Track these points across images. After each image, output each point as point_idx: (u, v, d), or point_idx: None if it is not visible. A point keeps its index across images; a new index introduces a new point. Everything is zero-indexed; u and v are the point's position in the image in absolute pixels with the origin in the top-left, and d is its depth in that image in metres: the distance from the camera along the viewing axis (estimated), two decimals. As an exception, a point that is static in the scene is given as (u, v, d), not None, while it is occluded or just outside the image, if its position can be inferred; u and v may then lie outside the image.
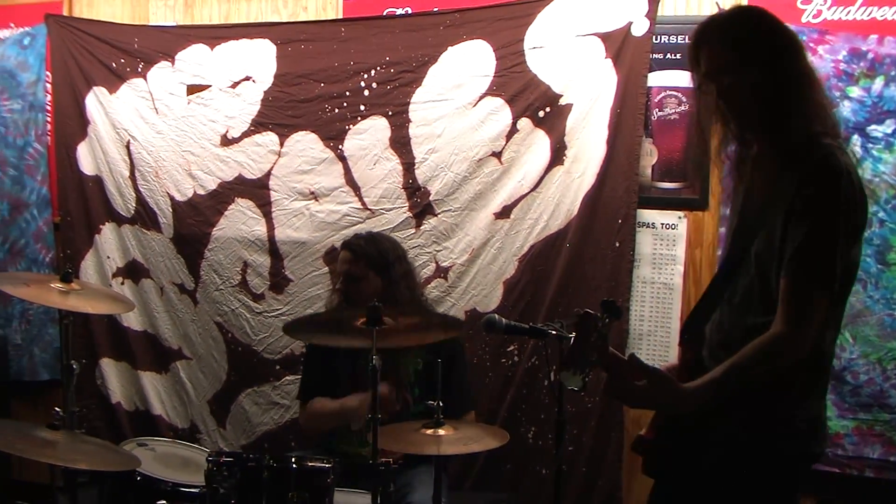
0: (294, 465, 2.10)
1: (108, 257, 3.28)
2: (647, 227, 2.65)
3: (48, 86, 3.36)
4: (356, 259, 2.48)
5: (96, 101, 3.24)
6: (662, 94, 2.64)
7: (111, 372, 3.32)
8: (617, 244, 2.64)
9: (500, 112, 2.74)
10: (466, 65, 2.78)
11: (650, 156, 2.64)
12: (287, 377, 3.02)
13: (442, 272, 2.82)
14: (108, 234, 3.27)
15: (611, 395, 1.51)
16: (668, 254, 2.63)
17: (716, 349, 1.55)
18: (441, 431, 2.15)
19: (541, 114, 2.70)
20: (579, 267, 2.67)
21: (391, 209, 2.84)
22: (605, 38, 2.64)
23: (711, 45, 1.51)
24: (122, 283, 3.26)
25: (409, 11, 2.91)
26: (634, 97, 2.60)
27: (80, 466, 2.22)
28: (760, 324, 1.46)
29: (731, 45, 1.49)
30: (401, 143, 2.85)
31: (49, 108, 3.37)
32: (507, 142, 2.73)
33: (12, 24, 3.44)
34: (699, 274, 2.61)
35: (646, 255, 2.65)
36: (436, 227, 2.82)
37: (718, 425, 1.49)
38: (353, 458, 2.44)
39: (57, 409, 2.26)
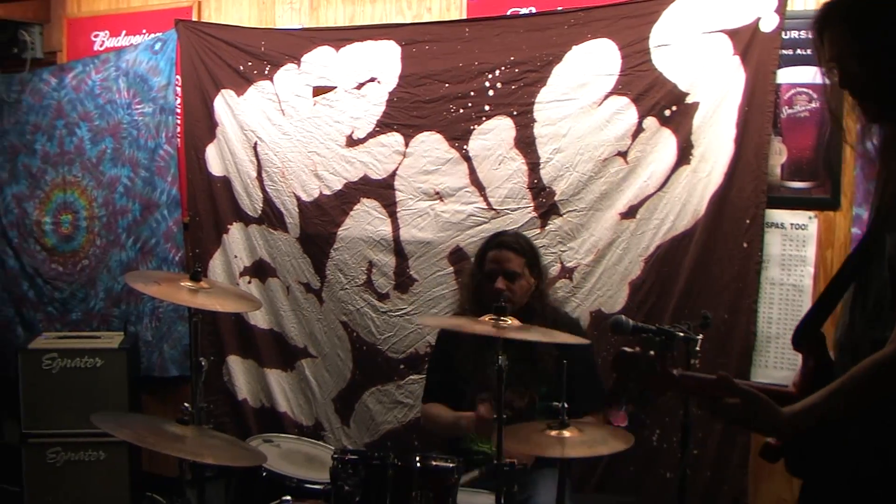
0: (418, 464, 2.58)
1: (236, 256, 4.18)
2: (776, 227, 3.24)
3: (178, 89, 4.31)
4: (518, 256, 3.09)
5: (224, 104, 4.14)
6: (792, 92, 3.22)
7: (238, 369, 4.22)
8: (745, 245, 3.24)
9: (625, 111, 3.40)
10: (591, 64, 3.46)
11: (779, 154, 3.23)
12: (411, 376, 3.78)
13: (567, 273, 3.51)
14: (235, 234, 4.18)
15: (708, 413, 1.69)
16: (797, 255, 3.22)
17: (844, 356, 1.71)
18: (566, 433, 2.60)
19: (667, 112, 3.34)
20: (706, 268, 3.30)
21: (516, 209, 3.56)
22: (733, 34, 3.24)
23: (835, 28, 1.68)
24: (249, 282, 4.15)
25: (534, 11, 3.62)
26: (763, 95, 3.20)
27: (208, 461, 2.74)
28: (887, 340, 1.57)
29: (855, 27, 1.65)
30: (526, 142, 3.55)
31: (179, 111, 4.32)
32: (632, 141, 3.39)
33: (144, 31, 4.42)
34: (830, 276, 3.16)
35: (774, 256, 3.24)
36: (561, 228, 3.51)
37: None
38: (476, 454, 3.06)
39: (186, 404, 2.81)
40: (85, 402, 4.06)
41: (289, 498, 2.86)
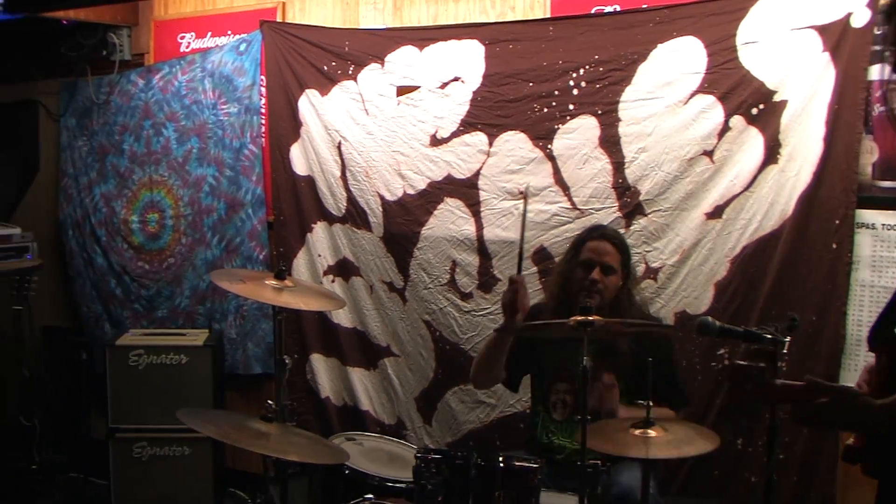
0: (501, 464, 2.79)
1: (320, 255, 4.53)
2: (867, 227, 3.42)
3: (263, 89, 4.68)
4: (616, 251, 3.30)
5: (308, 104, 4.48)
6: (885, 89, 3.39)
7: (321, 367, 4.58)
8: (834, 246, 3.44)
9: (711, 110, 3.62)
10: (677, 62, 3.68)
11: (870, 153, 3.40)
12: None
13: (651, 273, 3.74)
14: (319, 233, 4.52)
15: (799, 422, 1.83)
16: (889, 256, 3.39)
17: None
18: (651, 433, 2.76)
19: (754, 111, 3.55)
20: (793, 269, 3.50)
21: (601, 209, 3.81)
22: (822, 30, 3.43)
23: None
24: (333, 281, 4.50)
25: (618, 9, 3.85)
26: (854, 92, 3.38)
27: (292, 458, 2.97)
28: None
29: None
30: (610, 142, 3.80)
31: (264, 110, 4.69)
32: (718, 140, 3.61)
33: (229, 32, 4.81)
34: (923, 277, 3.34)
35: (865, 257, 3.42)
36: (646, 228, 3.75)
37: None
38: (556, 450, 3.25)
39: (269, 402, 3.05)
40: (170, 398, 4.45)
41: (371, 496, 3.12)
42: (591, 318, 2.77)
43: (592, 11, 3.91)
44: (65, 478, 5.19)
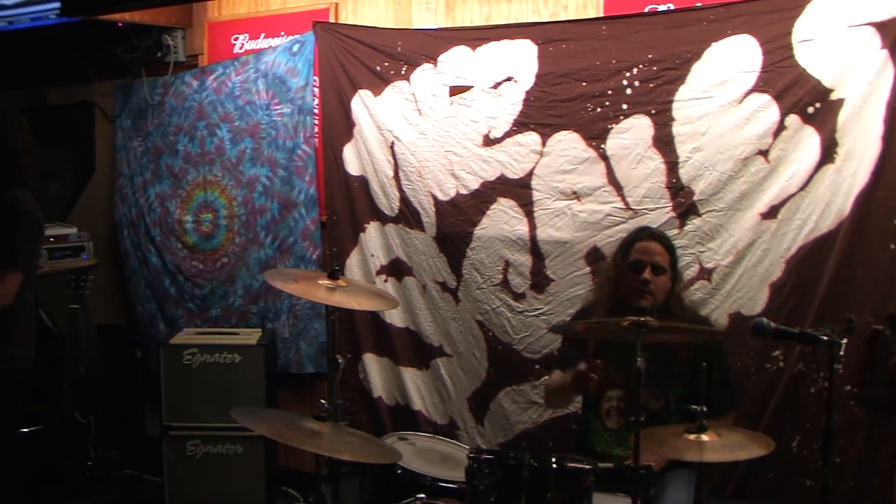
0: (554, 465, 2.86)
1: (373, 255, 4.69)
2: (926, 227, 3.48)
3: (316, 90, 4.85)
4: (666, 252, 3.41)
5: (361, 104, 4.65)
6: (944, 87, 3.46)
7: (373, 367, 4.74)
8: (892, 246, 3.51)
9: (766, 109, 3.71)
10: (731, 60, 3.77)
11: (929, 153, 3.47)
12: (546, 377, 4.16)
13: (705, 273, 3.84)
14: (372, 233, 4.69)
15: None
16: (948, 256, 3.46)
17: None
18: (704, 437, 2.82)
19: (810, 110, 3.63)
20: (850, 270, 3.57)
21: (654, 209, 3.92)
22: (881, 27, 3.50)
23: None
24: (386, 281, 4.66)
25: (672, 7, 3.96)
26: (913, 90, 3.45)
27: (344, 457, 3.07)
28: None
29: None
30: (664, 141, 3.90)
31: (317, 111, 4.86)
32: (773, 139, 3.70)
33: (282, 33, 5.00)
34: (983, 278, 3.40)
35: (923, 257, 3.49)
36: (700, 228, 3.85)
37: None
38: (608, 458, 3.32)
39: (322, 401, 3.11)
40: (223, 396, 4.65)
41: (423, 496, 3.21)
42: (644, 318, 2.85)
43: (646, 10, 4.02)
44: (119, 474, 5.41)
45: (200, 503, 4.78)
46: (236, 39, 5.20)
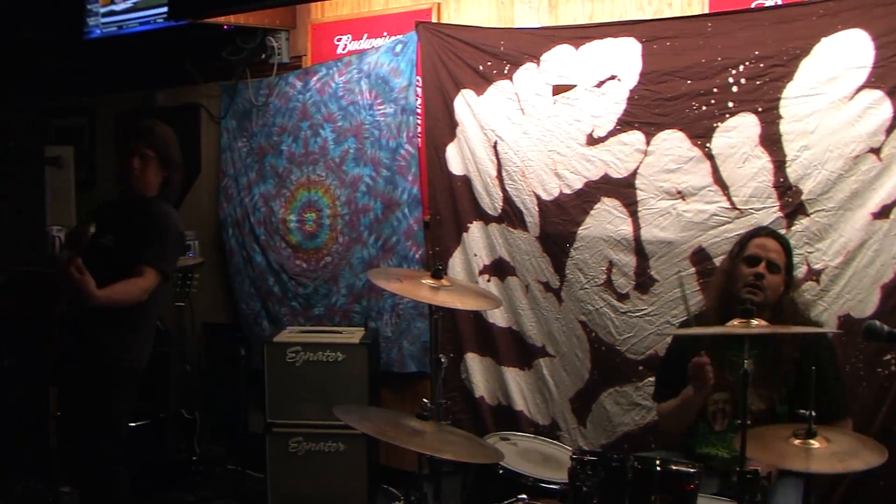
0: (658, 468, 2.93)
1: (476, 255, 4.92)
2: None
3: (419, 90, 5.10)
4: (782, 251, 3.53)
5: (464, 104, 4.88)
6: None
7: (475, 366, 4.97)
8: None
9: (879, 105, 3.79)
10: (841, 56, 3.86)
11: None
12: (650, 378, 4.32)
13: (814, 275, 3.94)
14: (475, 233, 4.91)
15: None
16: None
17: None
18: (813, 443, 2.86)
19: (925, 106, 3.71)
20: (967, 271, 3.64)
21: (761, 209, 4.03)
22: None
23: None
24: (489, 281, 4.87)
25: (779, 3, 4.07)
26: None
27: (446, 457, 3.17)
28: None
29: None
30: (771, 140, 4.02)
31: (419, 111, 5.12)
32: (886, 137, 3.78)
33: (385, 33, 5.27)
34: None
35: None
36: (808, 228, 3.95)
37: None
38: (713, 460, 3.46)
39: (425, 400, 3.32)
40: (326, 394, 4.91)
41: (525, 496, 3.31)
42: (753, 321, 2.96)
43: (752, 6, 4.14)
44: (223, 470, 5.74)
45: (302, 500, 5.04)
46: (339, 40, 5.48)
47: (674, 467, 2.97)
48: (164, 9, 5.52)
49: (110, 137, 6.98)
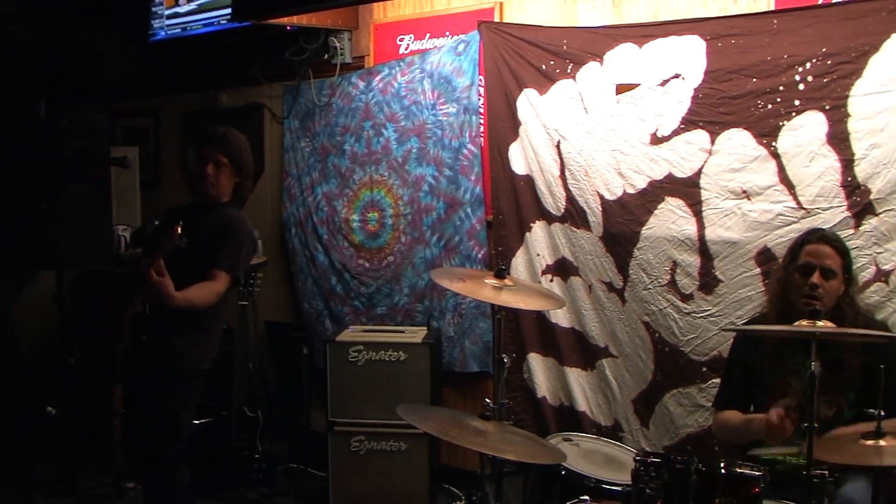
0: (723, 470, 2.99)
1: (538, 255, 5.00)
2: None
3: (481, 89, 5.20)
4: (837, 255, 3.51)
5: (527, 103, 4.96)
6: None
7: (538, 367, 5.05)
8: None
9: (950, 103, 3.80)
10: (913, 52, 3.87)
11: None
12: (714, 379, 4.35)
13: (882, 276, 3.95)
14: (538, 232, 5.00)
15: None
16: None
17: None
18: (882, 443, 2.89)
19: None
20: None
21: (828, 208, 4.05)
22: None
23: None
24: (552, 281, 4.96)
25: (847, -2, 4.09)
26: None
27: (509, 457, 3.24)
28: None
29: None
30: (839, 138, 4.03)
31: (482, 110, 5.22)
32: (957, 135, 3.79)
33: (447, 33, 5.37)
34: None
35: None
36: (877, 228, 3.95)
37: None
38: (778, 463, 3.43)
39: (487, 400, 3.36)
40: (388, 394, 5.03)
41: (587, 498, 3.41)
42: (819, 322, 2.99)
43: (819, 2, 4.14)
44: (285, 468, 5.93)
45: (363, 499, 5.17)
46: (401, 40, 5.60)
47: (739, 470, 3.00)
48: (228, 10, 5.69)
49: (175, 138, 7.20)
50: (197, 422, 5.35)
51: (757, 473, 2.98)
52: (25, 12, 7.08)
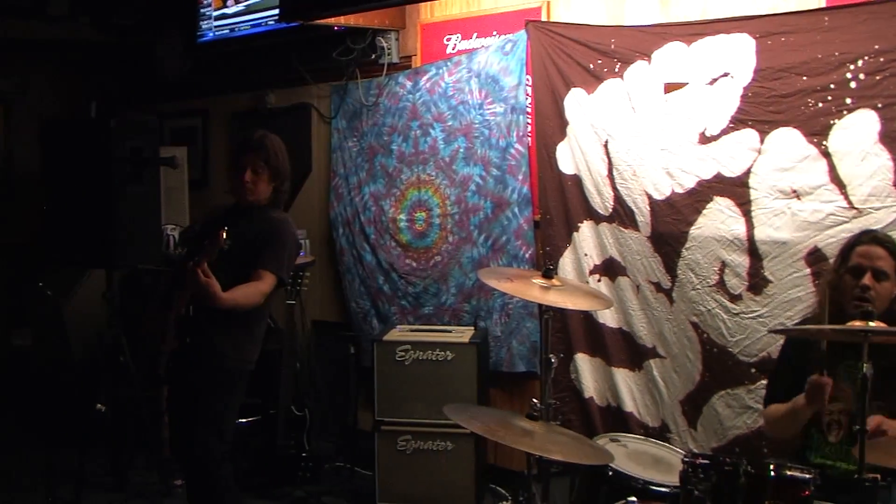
0: (773, 473, 2.96)
1: (586, 255, 5.05)
2: None
3: (528, 89, 5.26)
4: (889, 257, 3.46)
5: (575, 103, 5.01)
6: None
7: (585, 367, 5.10)
8: None
9: None
10: (968, 49, 3.87)
11: None
12: (762, 381, 4.36)
13: (937, 277, 3.95)
14: (585, 232, 5.04)
15: None
16: None
17: None
18: None
19: None
20: None
21: (880, 208, 4.04)
22: None
23: None
24: (599, 280, 5.00)
25: (902, -5, 4.08)
26: None
27: (556, 457, 3.30)
28: None
29: None
30: (891, 137, 4.02)
31: (529, 110, 5.27)
32: None
33: (495, 32, 5.43)
34: None
35: None
36: (930, 228, 3.95)
37: None
38: (828, 470, 3.38)
39: (534, 400, 3.47)
40: (435, 393, 5.10)
41: (634, 499, 3.42)
42: (872, 323, 3.00)
43: (872, -1, 4.15)
44: (332, 466, 6.01)
45: (410, 498, 5.24)
46: (449, 40, 5.67)
47: (788, 473, 3.00)
48: (276, 11, 5.80)
49: (223, 138, 7.33)
50: (244, 420, 5.46)
51: (807, 476, 2.98)
52: (87, 16, 7.28)
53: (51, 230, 5.60)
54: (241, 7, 6.55)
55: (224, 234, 3.83)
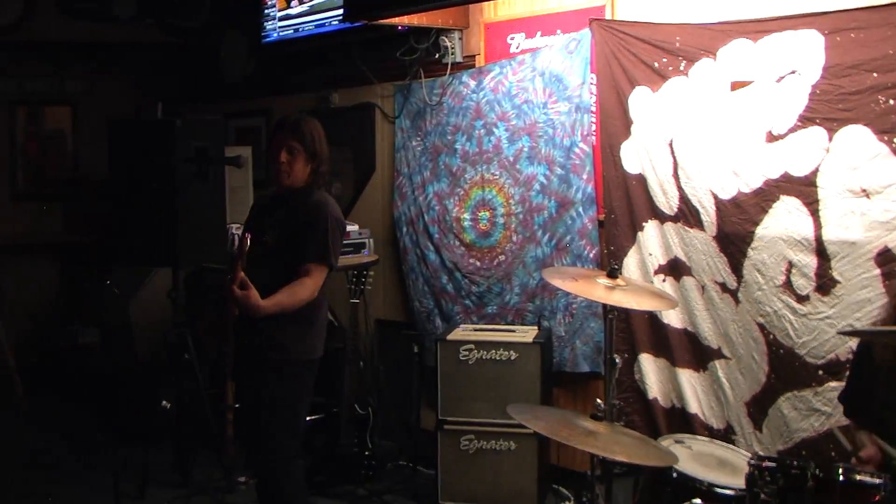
0: (842, 477, 2.99)
1: (651, 254, 5.09)
2: None
3: (593, 87, 5.31)
4: None
5: (640, 101, 5.05)
6: None
7: (649, 367, 5.14)
8: None
9: None
10: None
11: None
12: (830, 383, 4.38)
13: None
14: (650, 232, 5.09)
15: None
16: None
17: None
18: None
19: None
20: None
21: (952, 208, 4.05)
22: None
23: None
24: (664, 281, 5.04)
25: (977, -12, 4.06)
26: None
27: (619, 458, 3.37)
28: None
29: None
30: (964, 135, 4.03)
31: (594, 109, 5.33)
32: None
33: (558, 31, 5.50)
34: None
35: None
36: None
37: None
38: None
39: (598, 400, 3.51)
40: (498, 393, 5.18)
41: (698, 501, 3.47)
42: None
43: (945, -7, 4.13)
44: (394, 465, 6.14)
45: (472, 497, 5.32)
46: (512, 39, 5.75)
47: (858, 477, 3.00)
48: (340, 11, 5.92)
49: (287, 138, 7.47)
50: (308, 419, 5.58)
51: (878, 481, 2.96)
52: (152, 18, 7.49)
53: (117, 230, 5.80)
54: (305, 7, 6.69)
55: (248, 242, 3.95)
